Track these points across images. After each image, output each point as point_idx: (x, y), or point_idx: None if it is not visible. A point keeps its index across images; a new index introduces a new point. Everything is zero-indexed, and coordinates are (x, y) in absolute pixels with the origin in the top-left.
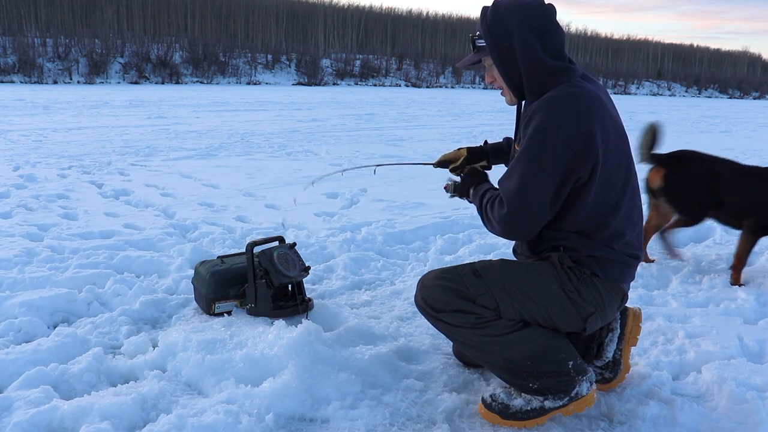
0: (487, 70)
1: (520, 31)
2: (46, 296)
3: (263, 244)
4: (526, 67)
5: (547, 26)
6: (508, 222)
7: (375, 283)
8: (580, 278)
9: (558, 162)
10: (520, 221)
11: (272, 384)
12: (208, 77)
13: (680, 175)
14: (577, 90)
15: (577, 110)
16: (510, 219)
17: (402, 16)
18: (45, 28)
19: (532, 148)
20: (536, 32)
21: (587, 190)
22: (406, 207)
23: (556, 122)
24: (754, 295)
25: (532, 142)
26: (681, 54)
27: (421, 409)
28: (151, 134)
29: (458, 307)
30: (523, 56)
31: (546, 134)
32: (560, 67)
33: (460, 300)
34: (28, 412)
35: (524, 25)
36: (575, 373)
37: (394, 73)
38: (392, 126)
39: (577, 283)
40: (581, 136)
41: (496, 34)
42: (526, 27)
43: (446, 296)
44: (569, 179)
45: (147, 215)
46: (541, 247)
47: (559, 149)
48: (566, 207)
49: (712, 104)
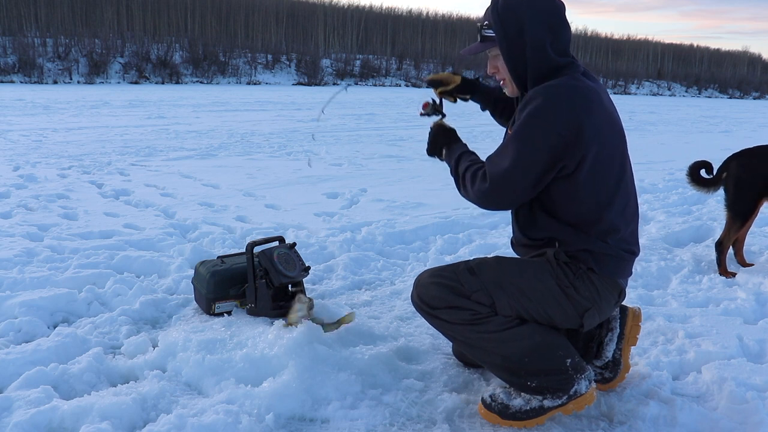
0: (490, 60)
1: (531, 25)
2: (46, 296)
3: (263, 244)
4: (533, 61)
5: (557, 23)
6: (488, 196)
7: (375, 283)
8: (575, 273)
9: (547, 146)
10: (501, 198)
11: (272, 384)
12: (208, 77)
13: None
14: (577, 83)
15: (574, 100)
16: (491, 195)
17: (402, 16)
18: (45, 28)
19: (526, 130)
20: (547, 28)
21: (574, 180)
22: (406, 207)
23: (552, 108)
24: (754, 295)
25: (526, 125)
26: (681, 54)
27: (421, 409)
28: (151, 134)
29: (453, 304)
30: (531, 50)
31: (540, 119)
32: (565, 63)
33: (455, 297)
34: (28, 412)
35: (536, 19)
36: (573, 371)
37: (394, 73)
38: (392, 126)
39: (573, 279)
40: (573, 125)
41: (506, 25)
42: (537, 21)
43: (441, 293)
44: (555, 166)
45: (147, 215)
46: (537, 235)
47: (551, 134)
48: (560, 196)
49: (712, 104)
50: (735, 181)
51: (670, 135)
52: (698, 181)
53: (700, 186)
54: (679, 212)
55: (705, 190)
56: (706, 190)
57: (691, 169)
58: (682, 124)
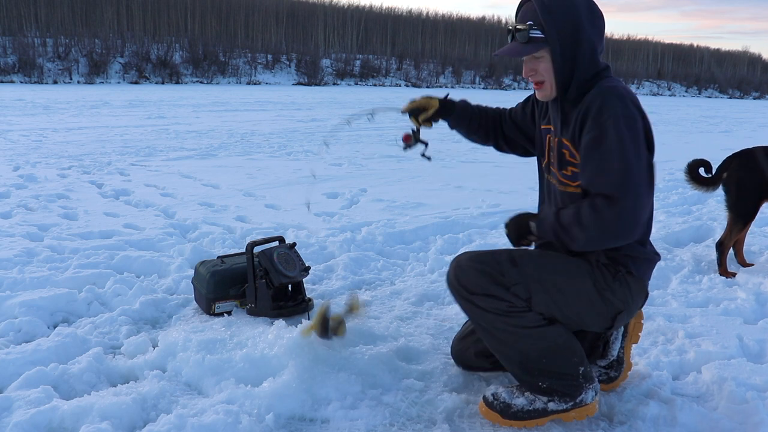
0: (527, 62)
1: (588, 27)
2: (46, 296)
3: (263, 244)
4: (582, 63)
5: (604, 28)
6: (623, 217)
7: (375, 283)
8: (614, 276)
9: (643, 143)
10: (636, 211)
11: (272, 384)
12: (208, 77)
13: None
14: (626, 87)
15: (637, 102)
16: (624, 213)
17: (402, 16)
18: (45, 28)
19: (622, 133)
20: (597, 31)
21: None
22: (406, 207)
23: (630, 107)
24: (754, 295)
25: (617, 128)
26: (681, 54)
27: (421, 409)
28: (151, 134)
29: (491, 293)
30: (584, 53)
31: (628, 119)
32: (604, 66)
33: (494, 286)
34: (28, 412)
35: (591, 22)
36: (584, 380)
37: (394, 73)
38: (392, 126)
39: (611, 281)
40: (646, 123)
41: (561, 26)
42: (591, 24)
43: (481, 279)
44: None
45: (147, 215)
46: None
47: (641, 131)
48: None
49: (712, 104)
50: (736, 181)
51: (670, 135)
52: (697, 179)
53: (699, 185)
54: (679, 212)
55: (704, 189)
56: (704, 189)
57: (689, 167)
58: (682, 124)
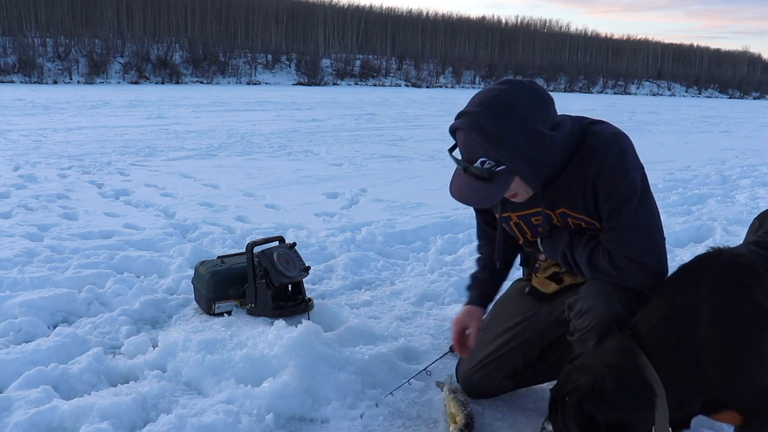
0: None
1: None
2: (46, 296)
3: (263, 244)
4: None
5: (550, 98)
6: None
7: (375, 283)
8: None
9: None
10: (664, 263)
11: (272, 384)
12: (208, 77)
13: None
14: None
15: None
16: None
17: (402, 16)
18: (45, 28)
19: (634, 188)
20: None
21: None
22: (406, 207)
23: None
24: None
25: (627, 183)
26: (681, 54)
27: (421, 409)
28: (151, 134)
29: None
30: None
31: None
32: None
33: None
34: (28, 412)
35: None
36: None
37: (394, 73)
38: (392, 126)
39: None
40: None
41: (517, 145)
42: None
43: None
44: None
45: (147, 215)
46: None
47: (645, 177)
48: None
49: (712, 104)
50: None
51: (670, 135)
52: None
53: None
54: (679, 212)
55: None
56: None
57: None
58: (682, 124)
